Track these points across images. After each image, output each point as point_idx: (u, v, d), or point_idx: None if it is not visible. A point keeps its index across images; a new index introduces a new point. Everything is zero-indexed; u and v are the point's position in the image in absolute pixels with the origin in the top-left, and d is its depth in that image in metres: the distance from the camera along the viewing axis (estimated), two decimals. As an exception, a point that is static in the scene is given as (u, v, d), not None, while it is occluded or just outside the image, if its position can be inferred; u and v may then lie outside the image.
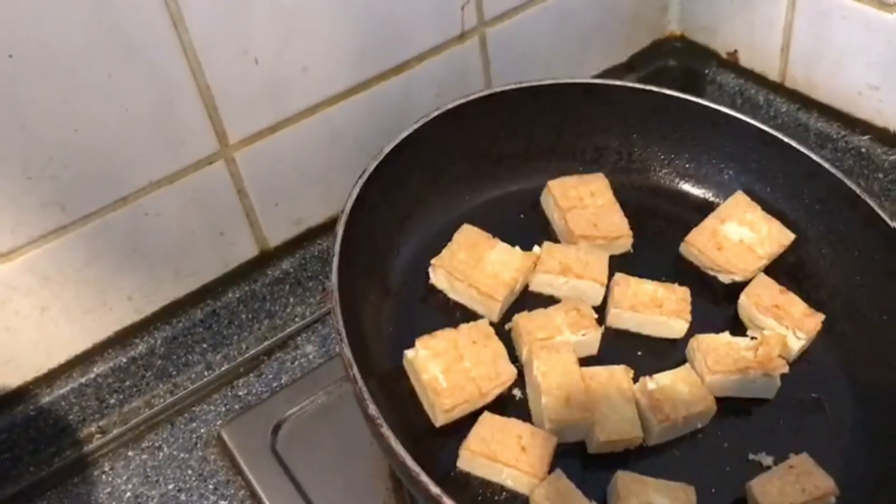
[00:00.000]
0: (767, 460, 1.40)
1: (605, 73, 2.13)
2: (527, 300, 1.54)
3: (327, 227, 1.79)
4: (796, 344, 1.50)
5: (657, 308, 1.51)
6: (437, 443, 1.33)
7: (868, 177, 1.92)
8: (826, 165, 1.60)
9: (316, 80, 1.61)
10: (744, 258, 1.61)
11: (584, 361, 1.46)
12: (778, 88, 2.03)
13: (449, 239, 1.54)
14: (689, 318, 1.51)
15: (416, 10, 1.67)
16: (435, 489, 1.10)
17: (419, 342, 1.39)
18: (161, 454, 1.59)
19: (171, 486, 1.54)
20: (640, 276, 1.55)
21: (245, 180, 1.62)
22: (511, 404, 1.40)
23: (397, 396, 1.37)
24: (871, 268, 1.58)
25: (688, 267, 1.64)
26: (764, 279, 1.58)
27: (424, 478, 1.11)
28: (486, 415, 1.34)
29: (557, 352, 1.41)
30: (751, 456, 1.40)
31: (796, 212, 1.66)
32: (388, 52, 1.69)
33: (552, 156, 1.72)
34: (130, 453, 1.60)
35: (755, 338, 1.46)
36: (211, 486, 1.54)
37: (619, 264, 1.61)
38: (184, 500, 1.52)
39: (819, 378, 1.52)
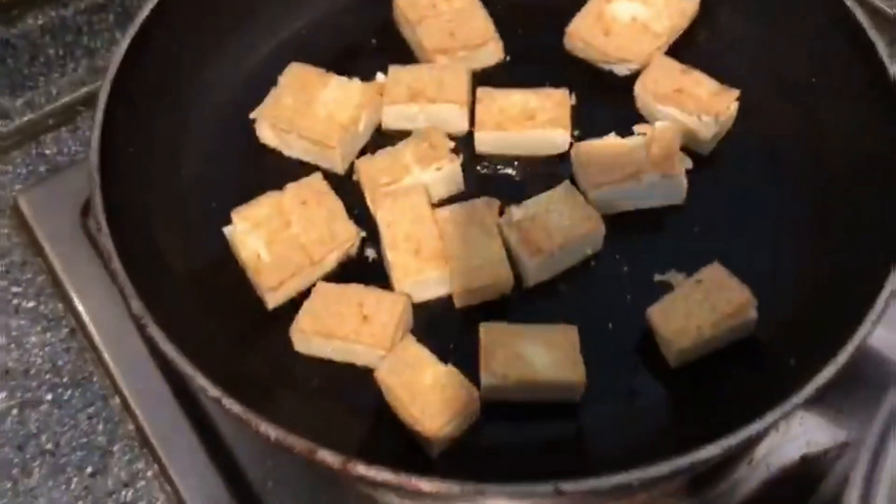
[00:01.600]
0: (678, 278, 1.15)
1: None
2: (384, 140, 1.28)
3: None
4: (707, 131, 1.23)
5: (528, 121, 1.24)
6: (277, 327, 1.12)
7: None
8: None
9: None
10: (638, 40, 1.32)
11: (453, 200, 1.22)
12: None
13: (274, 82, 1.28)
14: (568, 124, 1.24)
15: None
16: (214, 391, 0.90)
17: (235, 214, 1.16)
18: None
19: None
20: (520, 86, 1.28)
21: None
22: (366, 269, 1.18)
23: (225, 284, 1.16)
24: (796, 28, 1.28)
25: (579, 66, 1.36)
26: (662, 61, 1.29)
27: (202, 380, 0.91)
28: (320, 285, 1.12)
29: (405, 196, 1.17)
30: (657, 277, 1.16)
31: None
32: None
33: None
34: None
35: (644, 134, 1.20)
36: (1, 268, 1.27)
37: (491, 78, 1.33)
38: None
39: (740, 170, 1.25)
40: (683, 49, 1.34)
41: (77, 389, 1.20)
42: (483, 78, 1.33)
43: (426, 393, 1.02)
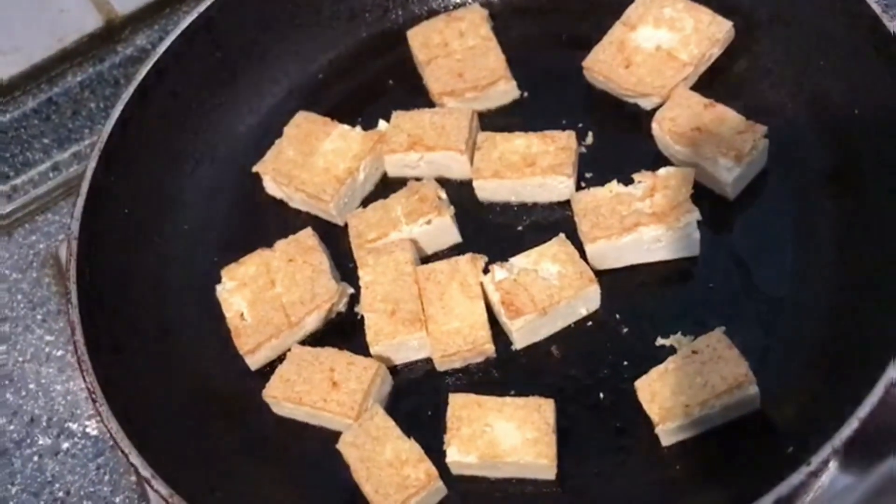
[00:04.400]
0: (683, 342, 1.04)
1: None
2: (394, 188, 1.23)
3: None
4: (728, 174, 1.10)
5: (528, 167, 1.15)
6: (260, 387, 1.11)
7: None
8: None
9: None
10: (661, 71, 1.20)
11: (449, 253, 1.16)
12: None
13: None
14: (571, 171, 1.14)
15: None
16: (145, 471, 0.89)
17: (225, 273, 1.16)
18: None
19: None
20: (543, 128, 1.20)
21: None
22: (355, 327, 1.13)
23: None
24: (839, 56, 1.12)
25: (601, 99, 1.25)
26: (683, 94, 1.16)
27: (135, 458, 0.90)
28: (295, 348, 1.09)
29: (389, 254, 1.12)
30: (659, 340, 1.05)
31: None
32: None
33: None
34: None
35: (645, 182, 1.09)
36: (39, 317, 1.30)
37: (504, 117, 1.26)
38: (6, 331, 1.29)
39: (767, 218, 1.11)
40: (717, 78, 1.21)
41: (90, 440, 1.24)
42: (495, 118, 1.26)
43: (383, 469, 0.98)
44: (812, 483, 0.80)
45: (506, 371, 1.07)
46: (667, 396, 0.97)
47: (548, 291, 1.05)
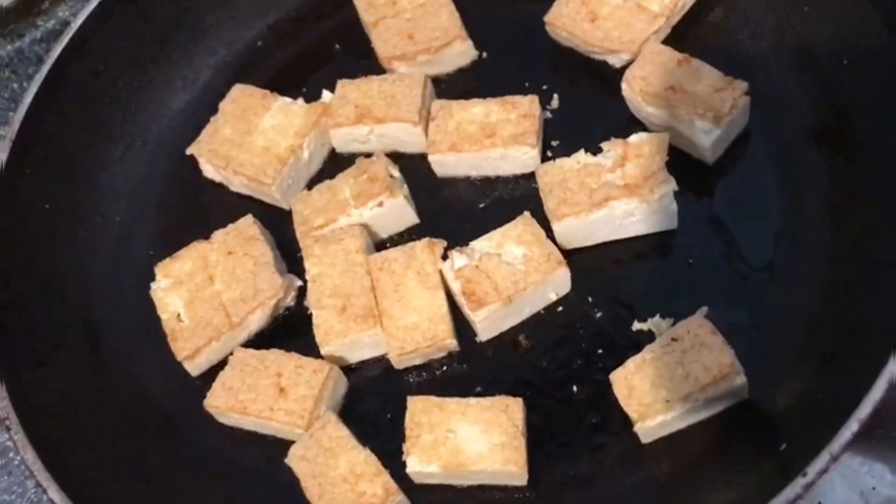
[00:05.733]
0: (662, 326, 0.95)
1: None
2: (342, 166, 1.12)
3: None
4: (706, 137, 1.00)
5: (488, 138, 1.05)
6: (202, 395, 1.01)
7: None
8: None
9: None
10: (630, 24, 1.09)
11: (405, 239, 1.06)
12: None
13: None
14: (535, 140, 1.04)
15: None
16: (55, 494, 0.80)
17: (159, 269, 1.05)
18: None
19: None
20: (504, 92, 1.09)
21: None
22: (309, 323, 1.02)
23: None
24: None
25: (567, 58, 1.14)
26: (654, 50, 1.05)
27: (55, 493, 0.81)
28: (237, 352, 0.99)
29: (337, 242, 1.02)
30: (636, 325, 0.96)
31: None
32: None
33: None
34: None
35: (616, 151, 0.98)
36: None
37: (462, 82, 1.15)
38: None
39: (749, 184, 1.01)
40: (692, 30, 1.10)
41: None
42: (451, 83, 1.15)
43: (336, 485, 0.89)
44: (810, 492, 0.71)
45: (470, 365, 0.98)
46: (645, 391, 0.88)
47: (512, 278, 0.95)
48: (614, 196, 0.96)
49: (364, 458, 0.90)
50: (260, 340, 1.03)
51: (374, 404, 0.98)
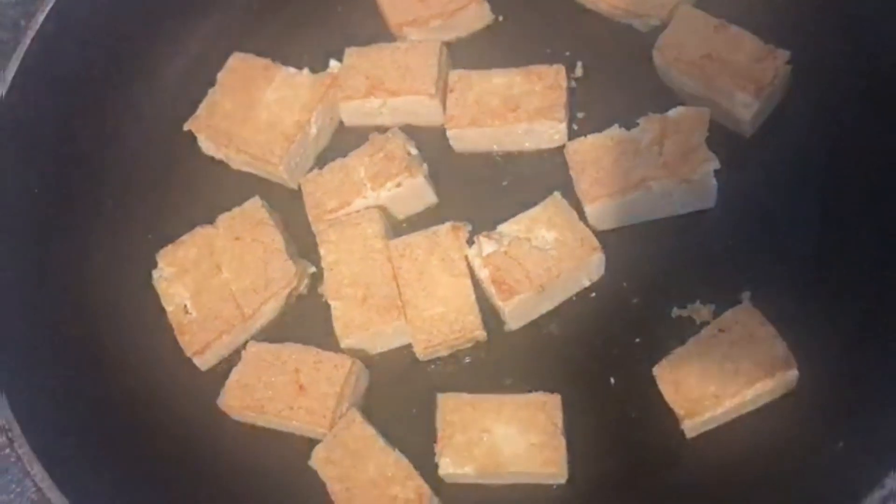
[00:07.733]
0: (702, 313, 0.90)
1: None
2: (353, 139, 1.05)
3: None
4: (746, 111, 0.94)
5: (511, 112, 0.98)
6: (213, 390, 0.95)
7: None
8: None
9: None
10: (659, -14, 1.02)
11: (424, 220, 0.99)
12: None
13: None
14: (562, 113, 0.97)
15: None
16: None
17: (161, 257, 0.98)
18: None
19: None
20: (524, 59, 1.01)
21: None
22: (324, 310, 0.96)
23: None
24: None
25: (591, 22, 1.07)
26: (686, 14, 0.98)
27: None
28: (251, 346, 0.93)
29: (354, 226, 0.95)
30: (676, 311, 0.91)
31: None
32: None
33: None
34: None
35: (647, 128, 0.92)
36: None
37: (476, 48, 1.07)
38: None
39: (790, 158, 0.95)
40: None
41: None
42: (467, 49, 1.08)
43: (366, 489, 0.84)
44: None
45: (499, 356, 0.93)
46: (692, 386, 0.83)
47: (544, 264, 0.90)
48: (652, 175, 0.90)
49: (394, 461, 0.85)
50: (270, 331, 0.97)
51: (398, 399, 0.93)
